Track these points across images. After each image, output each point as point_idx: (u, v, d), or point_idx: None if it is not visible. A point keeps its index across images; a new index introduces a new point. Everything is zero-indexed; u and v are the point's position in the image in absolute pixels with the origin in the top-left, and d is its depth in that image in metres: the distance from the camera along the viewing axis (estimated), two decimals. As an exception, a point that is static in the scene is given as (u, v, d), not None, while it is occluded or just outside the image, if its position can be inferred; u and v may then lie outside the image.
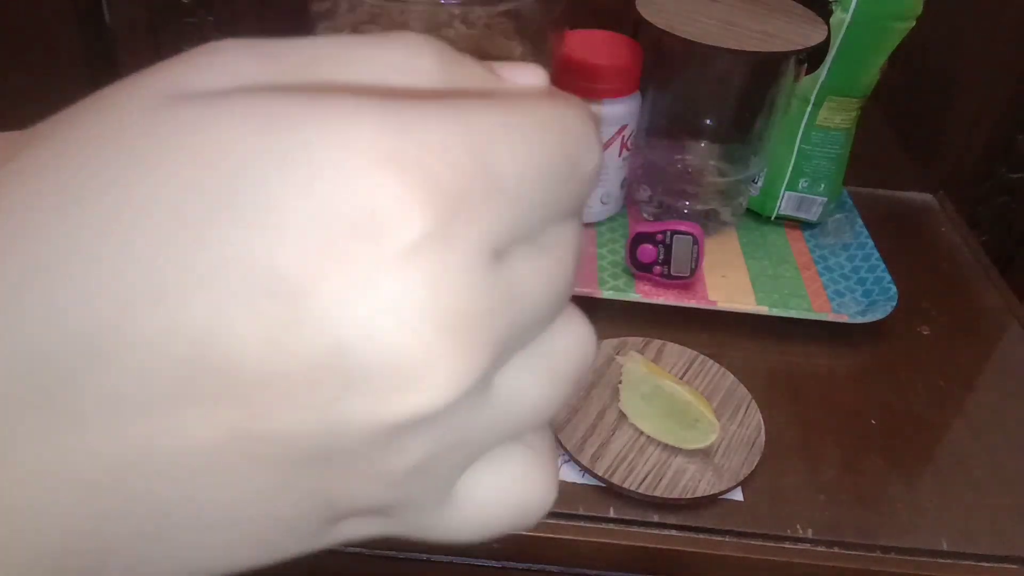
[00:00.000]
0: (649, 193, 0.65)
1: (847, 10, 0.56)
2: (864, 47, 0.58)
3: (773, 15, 0.58)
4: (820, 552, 0.43)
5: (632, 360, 0.49)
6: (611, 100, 0.58)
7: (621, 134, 0.60)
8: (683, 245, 0.56)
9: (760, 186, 0.65)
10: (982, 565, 0.43)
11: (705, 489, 0.44)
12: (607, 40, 0.60)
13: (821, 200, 0.64)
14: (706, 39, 0.54)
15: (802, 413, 0.51)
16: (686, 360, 0.52)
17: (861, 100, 0.61)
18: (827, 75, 0.59)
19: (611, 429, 0.47)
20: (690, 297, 0.57)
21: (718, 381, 0.51)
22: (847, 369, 0.55)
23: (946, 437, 0.51)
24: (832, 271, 0.62)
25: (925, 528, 0.45)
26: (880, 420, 0.51)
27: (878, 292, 0.58)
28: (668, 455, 0.46)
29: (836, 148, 0.62)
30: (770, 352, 0.55)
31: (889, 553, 0.44)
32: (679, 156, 0.64)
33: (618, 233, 0.63)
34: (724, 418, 0.48)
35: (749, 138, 0.62)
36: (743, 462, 0.46)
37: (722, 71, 0.60)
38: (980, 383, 0.55)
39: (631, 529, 0.43)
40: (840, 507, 0.45)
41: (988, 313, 0.62)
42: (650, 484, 0.44)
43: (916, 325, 0.59)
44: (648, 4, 0.58)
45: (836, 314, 0.57)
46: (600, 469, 0.45)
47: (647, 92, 0.60)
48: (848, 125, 0.62)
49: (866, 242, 0.63)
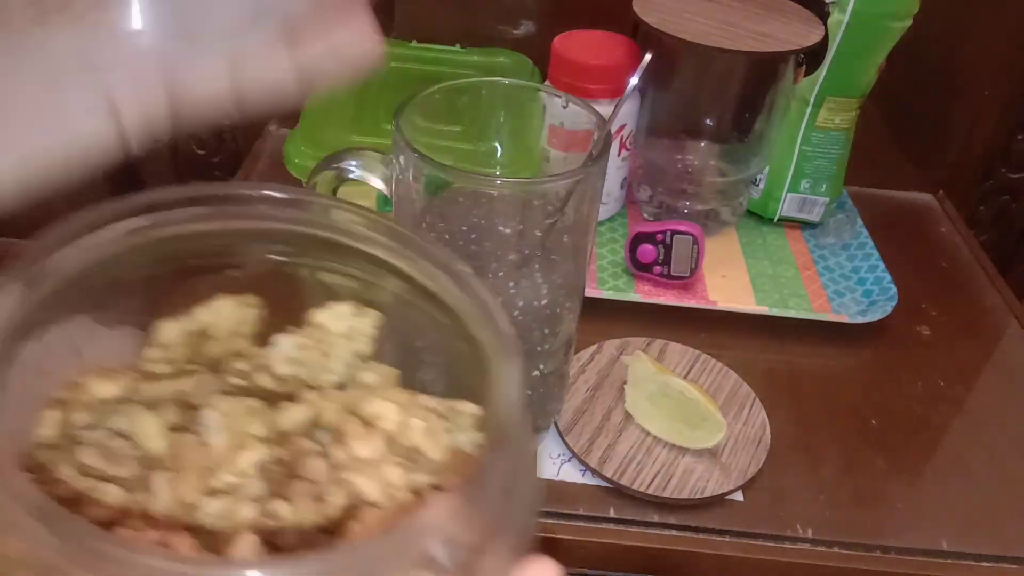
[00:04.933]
0: (649, 193, 0.65)
1: (844, 11, 0.56)
2: (862, 47, 0.58)
3: (771, 15, 0.58)
4: (820, 552, 0.43)
5: (638, 359, 0.49)
6: (610, 100, 0.58)
7: (620, 134, 0.60)
8: (683, 245, 0.56)
9: (761, 188, 0.65)
10: (982, 565, 0.43)
11: (714, 489, 0.44)
12: (606, 40, 0.60)
13: (823, 201, 0.64)
14: (703, 39, 0.54)
15: (802, 413, 0.51)
16: (689, 359, 0.53)
17: (860, 100, 0.61)
18: (826, 76, 0.59)
19: (618, 430, 0.47)
20: (690, 297, 0.58)
21: (721, 380, 0.51)
22: (847, 369, 0.55)
23: (946, 437, 0.51)
24: (832, 271, 0.62)
25: (925, 528, 0.45)
26: (880, 420, 0.51)
27: (878, 292, 0.58)
28: (675, 455, 0.46)
29: (837, 148, 0.62)
30: (770, 352, 0.55)
31: (889, 553, 0.44)
32: (679, 156, 0.64)
33: (618, 233, 0.63)
34: (729, 416, 0.48)
35: (749, 138, 0.62)
36: (750, 461, 0.46)
37: (720, 71, 0.60)
38: (980, 383, 0.55)
39: (631, 529, 0.43)
40: (840, 507, 0.45)
41: (988, 313, 0.62)
42: (659, 485, 0.44)
43: (916, 325, 0.59)
44: (645, 4, 0.58)
45: (836, 314, 0.57)
46: (608, 471, 0.45)
47: (647, 92, 0.60)
48: (848, 125, 0.62)
49: (866, 242, 0.63)
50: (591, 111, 0.39)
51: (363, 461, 0.19)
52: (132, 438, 0.19)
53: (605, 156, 0.37)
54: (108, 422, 0.19)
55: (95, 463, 0.18)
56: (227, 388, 0.21)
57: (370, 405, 0.20)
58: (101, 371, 0.20)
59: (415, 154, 0.35)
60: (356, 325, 0.22)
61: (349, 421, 0.20)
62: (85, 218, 0.19)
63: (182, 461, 0.18)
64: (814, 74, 0.59)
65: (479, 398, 0.20)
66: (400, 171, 0.37)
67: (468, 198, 0.40)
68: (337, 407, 0.20)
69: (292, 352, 0.21)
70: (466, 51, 0.72)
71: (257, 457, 0.19)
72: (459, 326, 0.20)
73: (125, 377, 0.20)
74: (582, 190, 0.37)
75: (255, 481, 0.19)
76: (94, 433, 0.19)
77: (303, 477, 0.19)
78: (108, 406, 0.19)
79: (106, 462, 0.18)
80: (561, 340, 0.42)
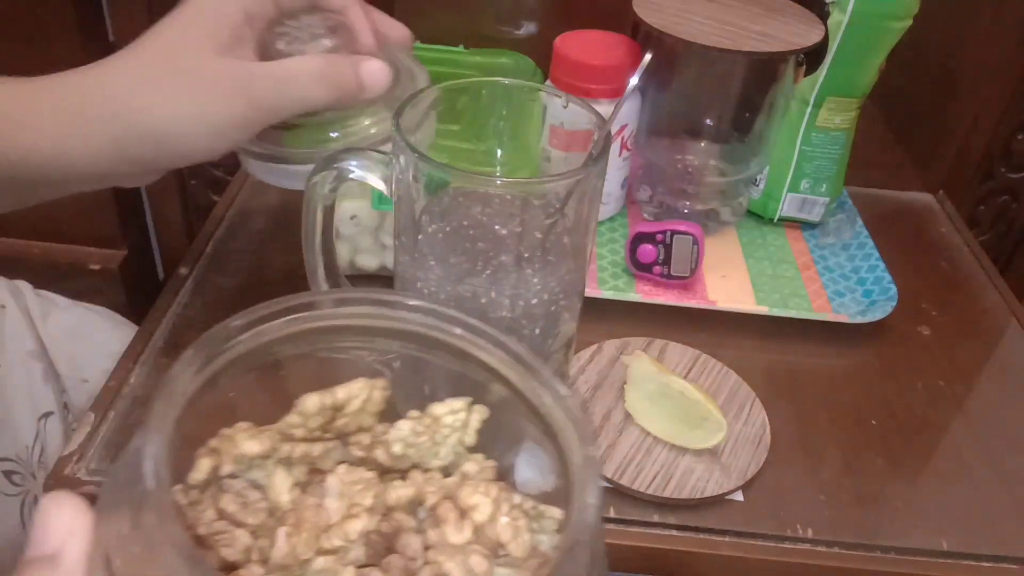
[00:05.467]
0: (649, 193, 0.65)
1: (845, 11, 0.56)
2: (862, 47, 0.58)
3: (771, 16, 0.58)
4: (820, 552, 0.43)
5: (638, 359, 0.49)
6: (610, 100, 0.58)
7: (620, 134, 0.60)
8: (683, 245, 0.56)
9: (762, 189, 0.65)
10: (982, 565, 0.43)
11: (714, 489, 0.44)
12: (606, 40, 0.60)
13: (823, 201, 0.64)
14: (703, 39, 0.54)
15: (802, 413, 0.51)
16: (689, 359, 0.53)
17: (860, 100, 0.61)
18: (826, 76, 0.59)
19: (618, 430, 0.47)
20: (690, 297, 0.58)
21: (721, 380, 0.51)
22: (847, 369, 0.55)
23: (946, 437, 0.51)
24: (832, 271, 0.62)
25: (925, 528, 0.45)
26: (880, 420, 0.51)
27: (878, 292, 0.59)
28: (675, 455, 0.46)
29: (837, 148, 0.62)
30: (770, 352, 0.55)
31: (889, 553, 0.44)
32: (679, 156, 0.64)
33: (618, 233, 0.64)
34: (729, 416, 0.48)
35: (749, 138, 0.62)
36: (750, 461, 0.46)
37: (720, 72, 0.60)
38: (980, 383, 0.55)
39: (631, 529, 0.43)
40: (840, 507, 0.45)
41: (988, 313, 0.62)
42: (659, 485, 0.44)
43: (916, 325, 0.59)
44: (645, 4, 0.58)
45: (836, 314, 0.57)
46: (608, 471, 0.45)
47: (647, 92, 0.60)
48: (848, 125, 0.62)
49: (866, 242, 0.63)
50: (591, 111, 0.39)
51: (453, 546, 0.22)
52: (265, 490, 0.23)
53: (605, 156, 0.37)
54: (248, 474, 0.23)
55: (233, 509, 0.22)
56: (349, 458, 0.25)
57: (468, 497, 0.23)
58: (249, 428, 0.23)
59: (415, 154, 0.35)
60: (466, 418, 0.25)
61: (447, 507, 0.23)
62: (260, 311, 0.24)
63: (302, 519, 0.21)
64: (814, 74, 0.59)
65: (560, 501, 0.23)
66: (400, 171, 0.37)
67: (468, 198, 0.40)
68: (438, 491, 0.23)
69: (409, 437, 0.25)
70: (468, 52, 0.72)
71: (363, 526, 0.21)
72: (551, 438, 0.24)
73: (268, 437, 0.23)
74: (582, 190, 0.37)
75: (358, 547, 0.22)
76: (235, 482, 0.23)
77: (399, 552, 0.22)
78: (250, 460, 0.23)
79: (242, 509, 0.22)
80: (561, 340, 0.42)
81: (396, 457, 0.25)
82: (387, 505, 0.23)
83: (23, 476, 0.54)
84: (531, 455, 0.25)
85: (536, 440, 0.24)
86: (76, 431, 0.45)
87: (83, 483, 0.43)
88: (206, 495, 0.22)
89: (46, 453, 0.56)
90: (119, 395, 0.47)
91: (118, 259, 0.89)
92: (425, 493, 0.23)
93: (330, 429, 0.25)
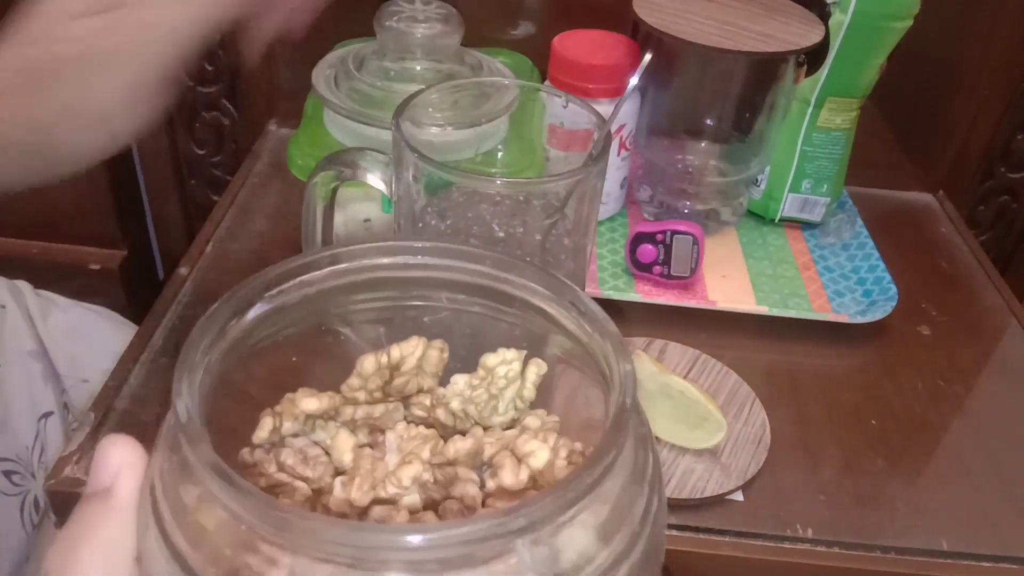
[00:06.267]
0: (649, 193, 0.65)
1: (846, 11, 0.56)
2: (863, 47, 0.58)
3: (771, 16, 0.58)
4: (820, 552, 0.43)
5: (638, 359, 0.49)
6: (610, 100, 0.58)
7: (620, 134, 0.60)
8: (683, 245, 0.56)
9: (762, 189, 0.65)
10: (982, 565, 0.43)
11: (714, 489, 0.44)
12: (606, 40, 0.60)
13: (824, 201, 0.64)
14: (703, 39, 0.54)
15: (802, 413, 0.51)
16: (689, 359, 0.53)
17: (861, 100, 0.61)
18: (827, 76, 0.59)
19: (615, 430, 0.47)
20: (690, 297, 0.58)
21: (721, 380, 0.51)
22: (847, 369, 0.55)
23: (946, 437, 0.51)
24: (832, 271, 0.62)
25: (925, 528, 0.45)
26: (880, 420, 0.51)
27: (878, 292, 0.59)
28: (675, 455, 0.46)
29: (838, 148, 0.62)
30: (770, 352, 0.55)
31: (889, 553, 0.44)
32: (679, 156, 0.64)
33: (618, 233, 0.64)
34: (729, 416, 0.48)
35: (749, 138, 0.62)
36: (750, 461, 0.46)
37: (721, 72, 0.60)
38: (980, 383, 0.55)
39: (631, 529, 0.43)
40: (840, 507, 0.45)
41: (988, 313, 0.62)
42: None
43: (916, 325, 0.59)
44: (645, 4, 0.58)
45: (836, 314, 0.57)
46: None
47: (647, 92, 0.60)
48: (849, 125, 0.62)
49: (866, 242, 0.63)
50: (591, 111, 0.39)
51: (510, 492, 0.22)
52: (328, 450, 0.23)
53: (605, 156, 0.37)
54: (311, 434, 0.24)
55: (293, 463, 0.23)
56: (410, 418, 0.26)
57: (525, 444, 0.22)
58: (310, 392, 0.24)
59: (415, 154, 0.35)
60: (521, 369, 0.25)
61: (504, 455, 0.22)
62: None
63: (359, 470, 0.22)
64: (815, 74, 0.59)
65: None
66: (400, 171, 0.37)
67: (468, 198, 0.40)
68: (496, 443, 0.23)
69: (464, 391, 0.25)
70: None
71: (416, 472, 0.22)
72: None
73: (328, 397, 0.24)
74: (582, 190, 0.37)
75: (412, 492, 0.22)
76: (297, 440, 0.24)
77: (456, 498, 0.22)
78: (311, 418, 0.24)
79: (301, 463, 0.23)
80: (561, 340, 0.42)
81: (456, 416, 0.25)
82: (447, 459, 0.23)
83: (23, 476, 0.54)
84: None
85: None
86: (76, 431, 0.45)
87: (83, 483, 0.43)
88: (271, 455, 0.23)
89: (46, 453, 0.56)
90: (119, 395, 0.47)
91: (118, 259, 0.89)
92: (484, 445, 0.23)
93: (390, 391, 0.25)
